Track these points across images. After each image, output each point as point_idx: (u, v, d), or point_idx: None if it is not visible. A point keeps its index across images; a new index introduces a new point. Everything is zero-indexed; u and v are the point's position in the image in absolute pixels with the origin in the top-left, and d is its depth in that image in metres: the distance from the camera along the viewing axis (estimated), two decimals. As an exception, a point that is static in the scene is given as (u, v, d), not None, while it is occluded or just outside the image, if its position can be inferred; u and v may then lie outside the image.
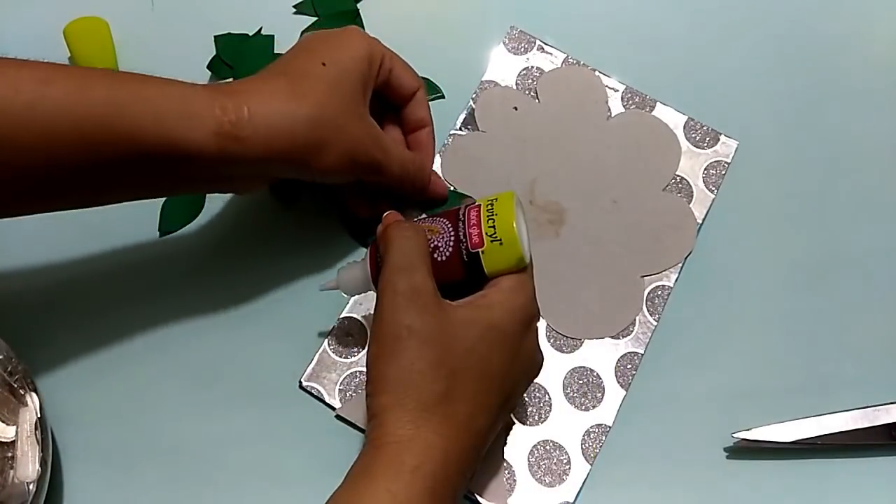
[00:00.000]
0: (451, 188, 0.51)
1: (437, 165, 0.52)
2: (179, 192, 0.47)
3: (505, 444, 0.46)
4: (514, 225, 0.40)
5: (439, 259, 0.41)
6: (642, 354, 0.49)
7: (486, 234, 0.41)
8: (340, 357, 0.48)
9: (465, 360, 0.38)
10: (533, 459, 0.46)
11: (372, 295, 0.49)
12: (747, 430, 0.46)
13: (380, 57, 0.46)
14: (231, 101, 0.39)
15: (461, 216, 0.42)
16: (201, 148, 0.39)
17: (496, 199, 0.42)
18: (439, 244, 0.41)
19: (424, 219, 0.44)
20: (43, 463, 0.42)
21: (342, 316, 0.49)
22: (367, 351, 0.40)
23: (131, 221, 0.50)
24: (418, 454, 0.36)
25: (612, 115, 0.54)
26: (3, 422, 0.43)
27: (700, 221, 0.52)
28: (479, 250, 0.40)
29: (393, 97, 0.49)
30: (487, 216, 0.41)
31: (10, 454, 0.42)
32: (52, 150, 0.37)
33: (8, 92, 0.36)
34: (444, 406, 0.37)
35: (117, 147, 0.38)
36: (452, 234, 0.41)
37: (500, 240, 0.40)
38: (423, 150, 0.50)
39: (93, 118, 0.37)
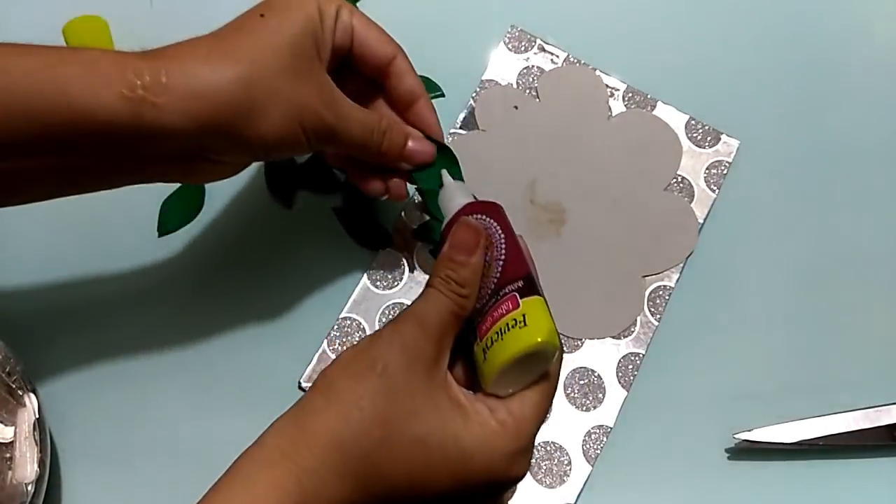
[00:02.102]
0: (443, 142, 0.45)
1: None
2: (117, 177, 0.40)
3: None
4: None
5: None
6: (643, 355, 0.48)
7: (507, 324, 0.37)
8: (340, 357, 0.48)
9: (397, 485, 0.34)
10: (534, 461, 0.46)
11: (371, 294, 0.49)
12: (749, 430, 0.46)
13: (334, 9, 0.40)
14: (147, 65, 0.35)
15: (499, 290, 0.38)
16: (111, 116, 0.34)
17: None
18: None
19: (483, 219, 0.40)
20: (41, 464, 0.42)
21: (342, 316, 0.49)
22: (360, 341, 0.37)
23: (131, 222, 0.50)
24: None
25: (613, 114, 0.54)
26: (2, 423, 0.43)
27: (701, 221, 0.51)
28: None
29: (367, 68, 0.43)
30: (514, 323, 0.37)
31: (8, 455, 0.42)
32: None
33: None
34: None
35: (19, 124, 0.33)
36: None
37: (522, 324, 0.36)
38: (427, 125, 0.44)
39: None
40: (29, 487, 0.41)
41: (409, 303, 0.48)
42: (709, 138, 0.53)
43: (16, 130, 0.34)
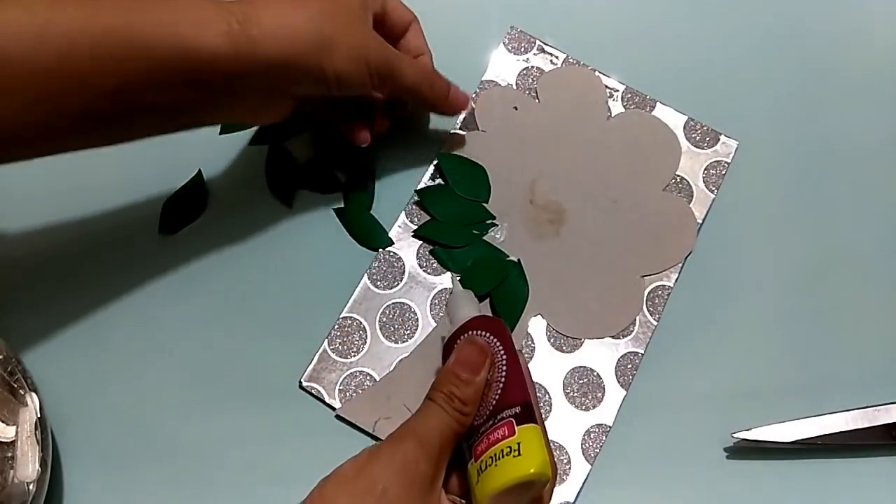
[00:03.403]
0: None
1: (436, 164, 0.52)
2: (201, 115, 0.44)
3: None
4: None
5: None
6: (642, 354, 0.49)
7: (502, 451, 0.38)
8: (340, 357, 0.48)
9: None
10: (533, 459, 0.46)
11: (371, 294, 0.49)
12: (747, 429, 0.46)
13: None
14: (238, 6, 0.40)
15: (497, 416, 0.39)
16: (216, 51, 0.39)
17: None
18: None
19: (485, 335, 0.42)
20: (43, 463, 0.42)
21: (342, 316, 0.49)
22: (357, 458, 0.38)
23: (132, 221, 0.50)
24: None
25: (612, 115, 0.54)
26: (3, 422, 0.43)
27: (700, 221, 0.52)
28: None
29: (388, 32, 0.48)
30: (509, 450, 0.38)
31: (10, 454, 0.42)
32: (70, 71, 0.36)
33: (22, 15, 0.35)
34: None
35: (134, 61, 0.37)
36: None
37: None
38: (423, 72, 0.49)
39: (106, 34, 0.36)
40: (30, 486, 0.41)
41: (409, 303, 0.49)
42: (707, 139, 0.53)
43: (136, 69, 0.38)
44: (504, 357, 0.41)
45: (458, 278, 0.48)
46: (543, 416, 0.47)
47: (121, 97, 0.38)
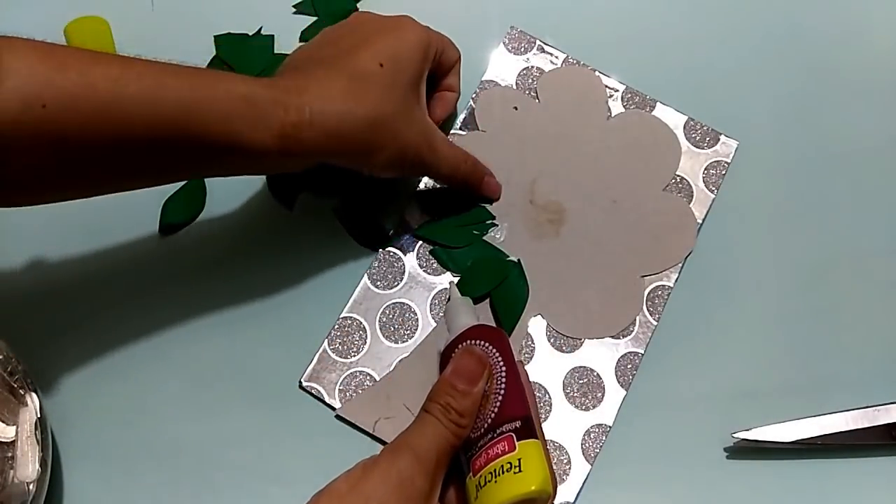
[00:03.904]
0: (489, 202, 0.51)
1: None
2: (230, 175, 0.46)
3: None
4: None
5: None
6: (642, 354, 0.49)
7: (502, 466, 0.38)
8: (340, 357, 0.48)
9: None
10: (533, 459, 0.46)
11: (372, 294, 0.49)
12: (747, 429, 0.46)
13: (434, 49, 0.47)
14: (293, 102, 0.40)
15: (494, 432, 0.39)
16: (265, 149, 0.40)
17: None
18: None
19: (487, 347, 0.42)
20: (43, 463, 0.42)
21: (342, 316, 0.49)
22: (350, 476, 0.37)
23: (132, 221, 0.50)
24: None
25: (612, 115, 0.54)
26: (3, 422, 0.43)
27: (700, 221, 0.52)
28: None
29: (434, 71, 0.49)
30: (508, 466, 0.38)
31: (10, 454, 0.42)
32: (124, 147, 0.37)
33: (85, 91, 0.36)
34: None
35: (187, 147, 0.39)
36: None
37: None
38: (445, 109, 0.51)
39: (165, 120, 0.37)
40: (31, 486, 0.41)
41: (409, 303, 0.49)
42: (707, 139, 0.53)
43: (181, 155, 0.39)
44: (503, 368, 0.40)
45: (457, 284, 0.48)
46: (543, 417, 0.47)
47: (166, 167, 0.40)
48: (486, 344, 0.41)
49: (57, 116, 0.35)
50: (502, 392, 0.39)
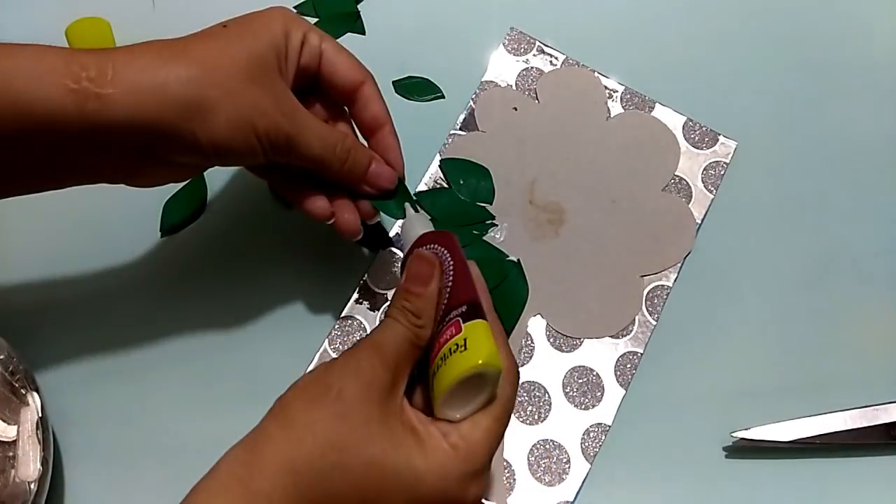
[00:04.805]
0: (399, 178, 0.45)
1: (435, 166, 0.52)
2: (62, 175, 0.40)
3: (504, 443, 0.46)
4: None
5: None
6: (642, 354, 0.49)
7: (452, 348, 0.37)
8: (341, 357, 0.48)
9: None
10: (532, 458, 0.46)
11: (372, 294, 0.49)
12: (746, 429, 0.46)
13: (302, 34, 0.41)
14: (94, 58, 0.35)
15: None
16: (56, 107, 0.34)
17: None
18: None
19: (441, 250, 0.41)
20: (44, 462, 0.42)
21: (343, 315, 0.49)
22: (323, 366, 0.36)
23: (132, 222, 0.50)
24: None
25: (612, 115, 0.54)
26: (5, 421, 0.43)
27: (699, 221, 0.52)
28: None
29: (335, 91, 0.43)
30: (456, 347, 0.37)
31: (11, 454, 0.42)
32: None
33: None
34: None
35: None
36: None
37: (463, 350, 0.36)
38: (390, 153, 0.44)
39: None
40: (32, 486, 0.41)
41: (409, 302, 0.49)
42: (706, 139, 0.54)
43: None
44: (451, 264, 0.39)
45: (412, 205, 0.46)
46: (543, 416, 0.47)
47: None
48: (436, 246, 0.40)
49: None
50: (450, 285, 0.39)
